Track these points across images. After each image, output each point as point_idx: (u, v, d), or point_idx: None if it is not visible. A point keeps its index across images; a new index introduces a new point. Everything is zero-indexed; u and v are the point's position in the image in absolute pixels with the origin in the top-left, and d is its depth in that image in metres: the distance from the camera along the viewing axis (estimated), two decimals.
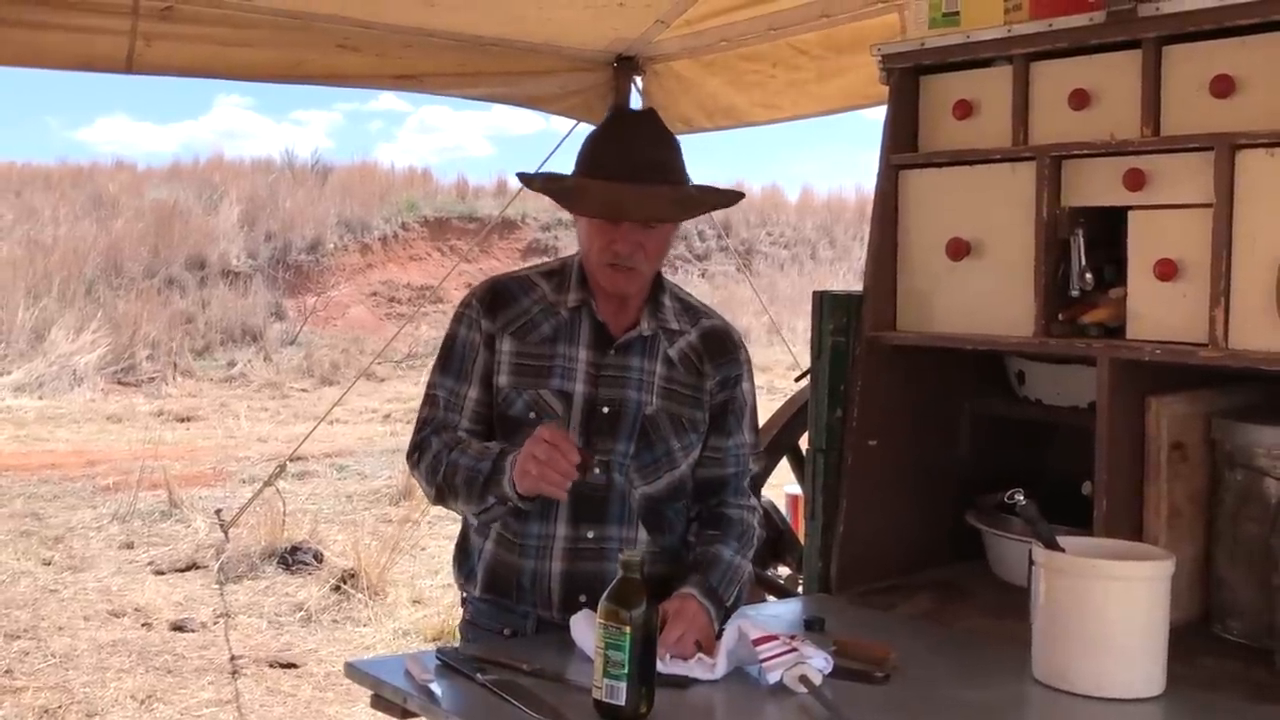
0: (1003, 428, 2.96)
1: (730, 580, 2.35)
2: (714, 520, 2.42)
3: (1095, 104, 2.47)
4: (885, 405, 2.79)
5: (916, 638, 2.40)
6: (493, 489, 2.22)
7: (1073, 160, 2.49)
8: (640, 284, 2.36)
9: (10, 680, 5.16)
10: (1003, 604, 2.58)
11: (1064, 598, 2.11)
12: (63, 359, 14.61)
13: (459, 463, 2.28)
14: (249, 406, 13.53)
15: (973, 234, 2.64)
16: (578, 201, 2.30)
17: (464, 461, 2.28)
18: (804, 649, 2.05)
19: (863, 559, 2.77)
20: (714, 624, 2.22)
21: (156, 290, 17.26)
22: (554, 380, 2.35)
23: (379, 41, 4.09)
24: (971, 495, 2.90)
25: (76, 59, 3.83)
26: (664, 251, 2.38)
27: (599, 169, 2.28)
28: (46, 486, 9.01)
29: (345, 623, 6.21)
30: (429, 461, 2.34)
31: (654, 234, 2.31)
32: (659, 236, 2.33)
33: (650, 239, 2.30)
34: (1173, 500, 2.43)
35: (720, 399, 2.44)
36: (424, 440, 2.38)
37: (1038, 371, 2.84)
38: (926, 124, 2.78)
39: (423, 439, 2.38)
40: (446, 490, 2.31)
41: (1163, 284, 2.33)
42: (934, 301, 2.73)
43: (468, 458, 2.28)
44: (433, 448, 2.35)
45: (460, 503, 2.32)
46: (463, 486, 2.27)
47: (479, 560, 2.41)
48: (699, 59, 4.50)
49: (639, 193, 2.23)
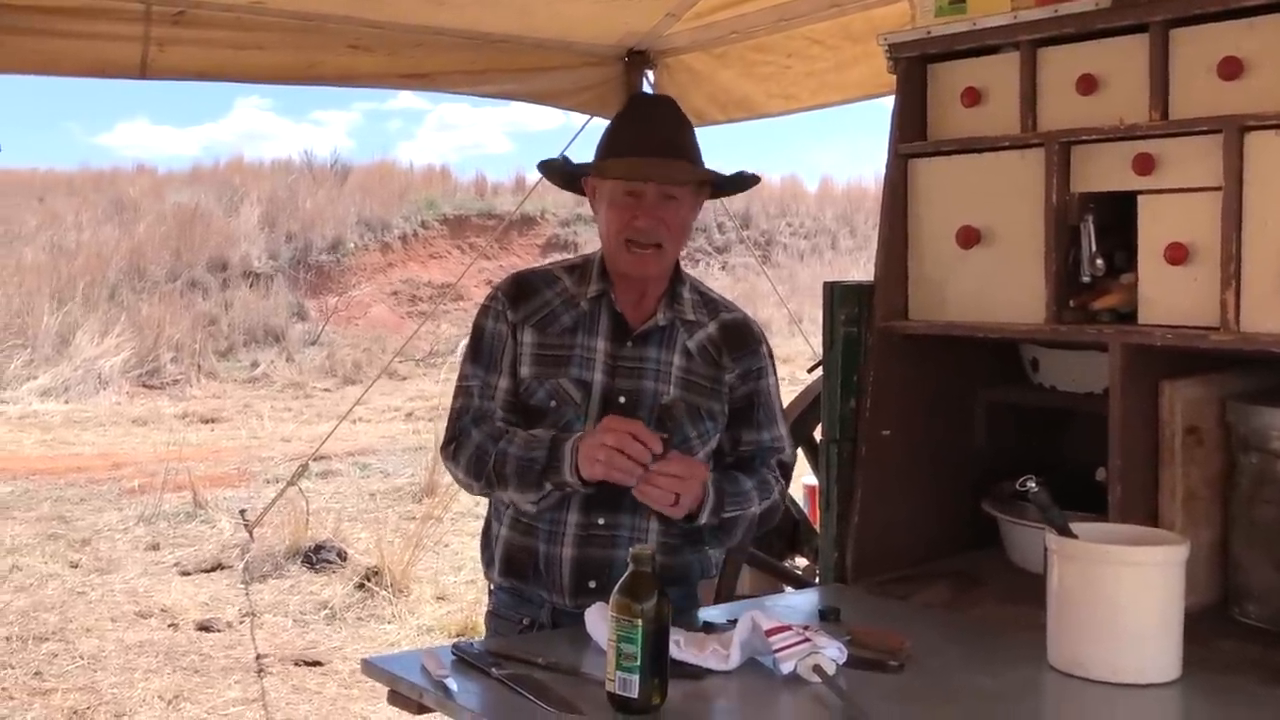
0: (1017, 415, 2.95)
1: (737, 499, 2.37)
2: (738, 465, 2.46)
3: (1103, 89, 2.46)
4: (898, 395, 2.78)
5: (932, 626, 2.39)
6: (550, 476, 2.27)
7: (1082, 146, 2.47)
8: (661, 266, 2.39)
9: (40, 682, 5.20)
10: (1019, 591, 2.56)
11: (1077, 584, 2.10)
12: (88, 363, 14.71)
13: (508, 452, 2.32)
14: (272, 407, 13.59)
15: (983, 222, 2.63)
16: (601, 170, 2.35)
17: (514, 451, 2.32)
18: (818, 639, 2.05)
19: (878, 549, 2.76)
20: (706, 501, 2.28)
21: (179, 293, 17.40)
22: (573, 370, 2.38)
23: (390, 41, 4.10)
24: (987, 483, 2.89)
25: (90, 66, 3.84)
26: (685, 231, 2.41)
27: (620, 148, 2.34)
28: (73, 490, 9.08)
29: (369, 620, 6.24)
30: (471, 452, 2.37)
31: (674, 211, 2.34)
32: (680, 214, 2.36)
33: (671, 215, 2.34)
34: (1188, 485, 2.41)
35: (743, 392, 2.46)
36: (462, 431, 2.41)
37: (1051, 358, 2.83)
38: (935, 112, 2.77)
39: (461, 430, 2.41)
40: (496, 480, 2.34)
41: (1173, 268, 2.31)
42: (945, 290, 2.72)
43: (517, 446, 2.32)
44: (474, 438, 2.38)
45: (512, 491, 2.35)
46: (514, 476, 2.31)
47: (497, 544, 2.46)
48: (710, 51, 4.49)
49: (661, 164, 2.31)
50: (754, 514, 2.43)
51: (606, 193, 2.39)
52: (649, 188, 2.33)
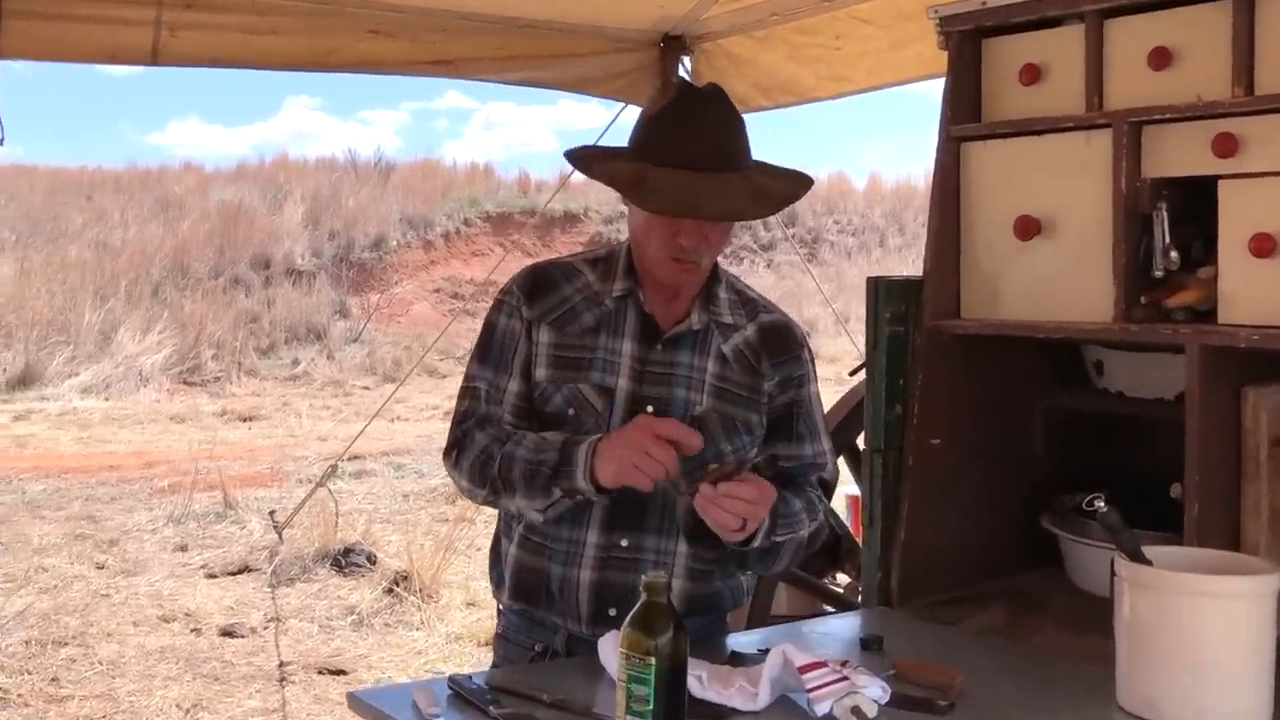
0: (1080, 423, 2.79)
1: (788, 521, 2.16)
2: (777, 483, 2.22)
3: (1178, 63, 2.29)
4: (949, 400, 2.61)
5: (986, 656, 2.21)
6: (561, 481, 2.06)
7: (1154, 126, 2.31)
8: (700, 277, 2.20)
9: (56, 689, 5.09)
10: (1083, 617, 2.40)
11: (1152, 616, 1.90)
12: (129, 360, 14.76)
13: (515, 455, 2.11)
14: (311, 405, 13.54)
15: (1043, 211, 2.46)
16: (645, 196, 2.07)
17: (521, 454, 2.11)
18: (857, 677, 1.84)
19: (926, 568, 2.58)
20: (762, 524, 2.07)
21: (222, 290, 17.50)
22: (594, 374, 2.17)
23: (411, 26, 3.95)
24: (1045, 497, 2.72)
25: (101, 51, 3.75)
26: (726, 242, 2.22)
27: (665, 156, 2.07)
28: (105, 489, 9.01)
29: (397, 626, 6.09)
30: (474, 457, 2.16)
31: (719, 226, 2.14)
32: (724, 228, 2.17)
33: (715, 231, 2.13)
34: (1274, 502, 2.20)
35: (783, 402, 2.25)
36: (465, 435, 2.21)
37: (1118, 361, 2.66)
38: (990, 91, 2.60)
39: (464, 433, 2.21)
40: (501, 487, 2.14)
41: (1259, 261, 2.14)
42: (1001, 286, 2.55)
43: (524, 449, 2.11)
44: (477, 443, 2.17)
45: (519, 498, 2.14)
46: (521, 481, 2.10)
47: (506, 563, 2.27)
48: (750, 35, 4.30)
49: (711, 184, 2.04)
50: (802, 537, 2.23)
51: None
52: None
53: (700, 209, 2.04)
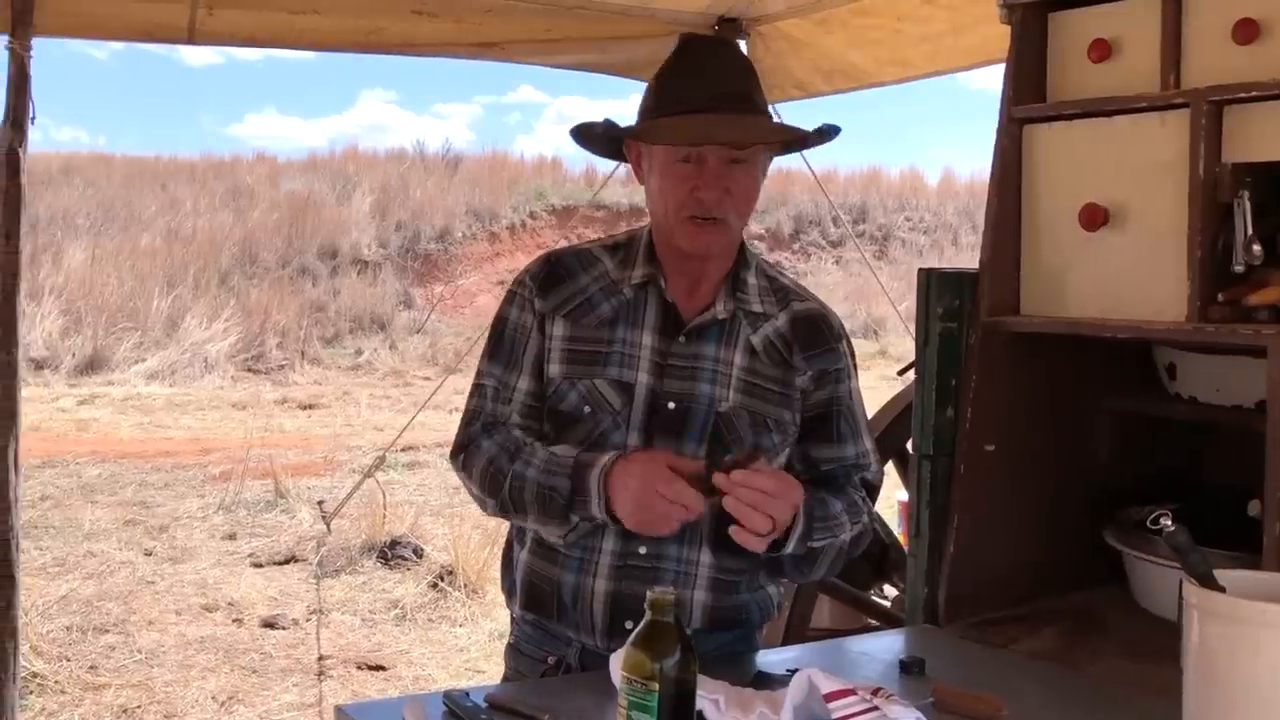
0: (1148, 430, 2.63)
1: (826, 524, 2.00)
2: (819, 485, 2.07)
3: (1267, 36, 2.10)
4: (1005, 402, 2.44)
5: (1037, 684, 2.05)
6: (578, 510, 1.94)
7: (1237, 106, 2.12)
8: (726, 242, 2.04)
9: (94, 676, 5.06)
10: (1148, 642, 2.23)
11: (1224, 648, 1.70)
12: (195, 347, 14.97)
13: (526, 476, 1.98)
14: (371, 395, 13.60)
15: (1112, 199, 2.29)
16: (655, 133, 1.98)
17: (532, 475, 1.97)
18: (888, 708, 1.67)
19: (976, 584, 2.42)
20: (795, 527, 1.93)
21: (289, 279, 17.77)
22: (611, 369, 2.02)
23: (456, 7, 3.81)
24: (1109, 509, 2.56)
25: (136, 29, 3.68)
26: (752, 200, 2.05)
27: (674, 104, 1.97)
28: (159, 474, 9.06)
29: (440, 622, 6.01)
30: (482, 467, 2.04)
31: (741, 176, 1.99)
32: (747, 180, 2.00)
33: (737, 182, 1.98)
34: None
35: (820, 399, 2.09)
36: (471, 438, 2.08)
37: (1192, 363, 2.50)
38: (1056, 69, 2.43)
39: (470, 436, 2.08)
40: (513, 507, 2.01)
41: None
42: (1065, 280, 2.38)
43: (535, 469, 1.97)
44: (484, 450, 2.04)
45: (532, 521, 2.02)
46: (535, 504, 1.97)
47: (518, 570, 2.12)
48: (808, 17, 4.11)
49: (724, 121, 1.94)
50: (844, 542, 2.06)
51: (658, 159, 2.01)
52: (711, 151, 1.95)
53: (712, 136, 1.93)
